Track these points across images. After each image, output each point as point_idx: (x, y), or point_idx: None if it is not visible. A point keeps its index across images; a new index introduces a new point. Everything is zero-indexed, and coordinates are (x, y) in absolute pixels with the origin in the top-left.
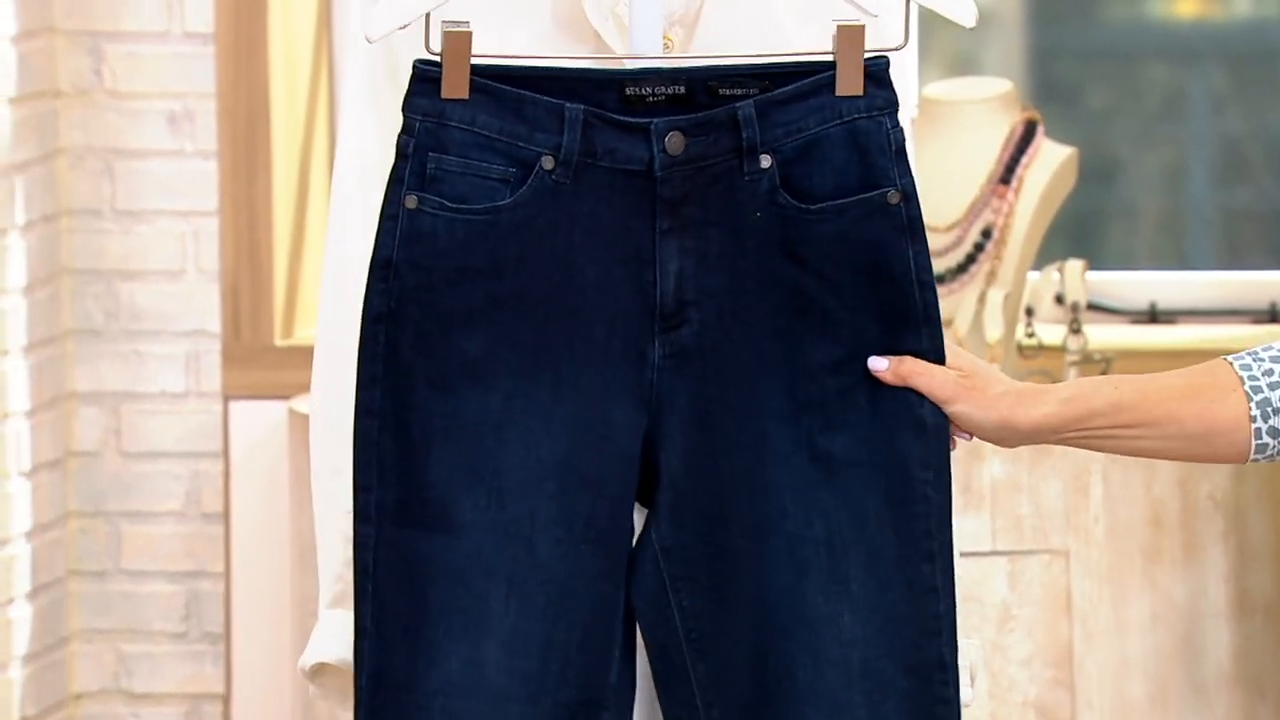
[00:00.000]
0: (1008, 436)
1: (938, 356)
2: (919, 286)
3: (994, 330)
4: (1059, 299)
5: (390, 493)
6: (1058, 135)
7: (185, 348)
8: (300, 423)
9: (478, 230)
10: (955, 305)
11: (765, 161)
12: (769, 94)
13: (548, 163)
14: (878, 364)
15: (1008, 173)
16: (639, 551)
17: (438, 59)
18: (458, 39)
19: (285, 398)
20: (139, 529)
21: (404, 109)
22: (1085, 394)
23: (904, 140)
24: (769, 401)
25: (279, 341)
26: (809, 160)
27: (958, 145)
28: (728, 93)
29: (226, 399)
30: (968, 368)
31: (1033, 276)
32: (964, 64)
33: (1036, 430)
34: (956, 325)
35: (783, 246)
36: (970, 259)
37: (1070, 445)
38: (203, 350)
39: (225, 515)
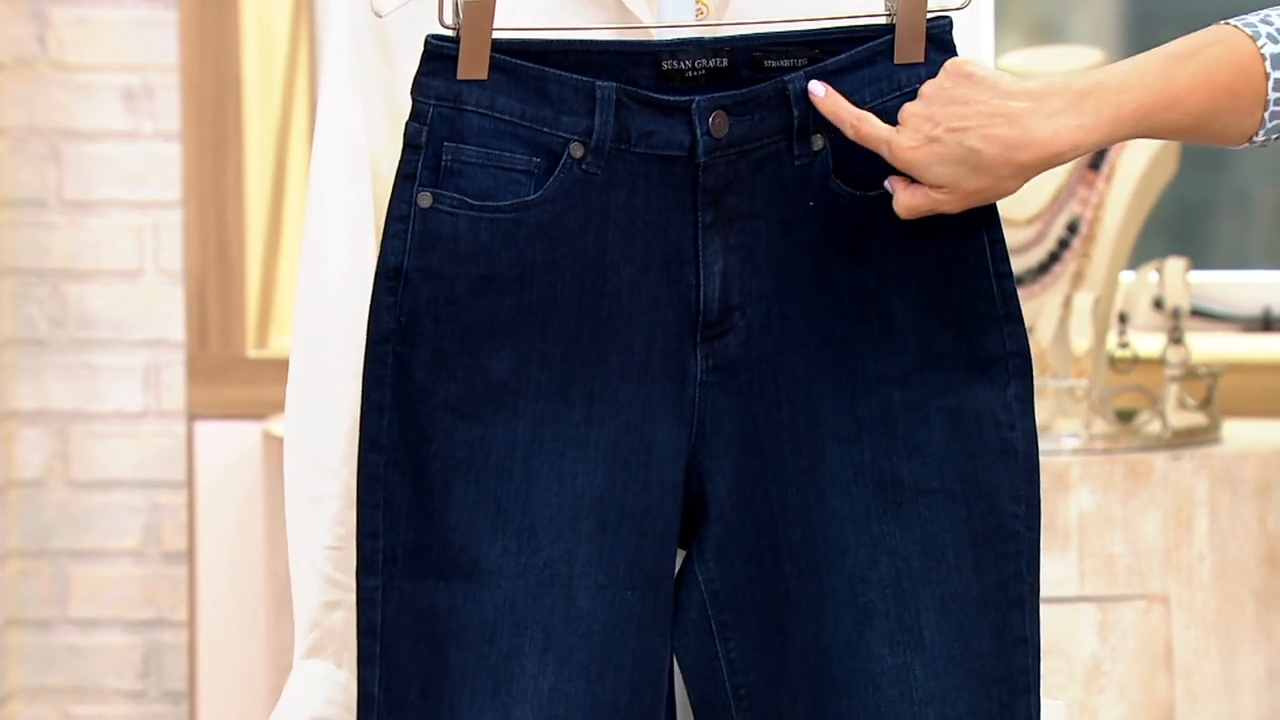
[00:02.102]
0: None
1: (1023, 360)
2: (997, 279)
3: (1082, 340)
4: (1158, 304)
5: (401, 538)
6: None
7: (143, 360)
8: (277, 447)
9: (503, 231)
10: (1036, 311)
11: (818, 142)
12: (820, 64)
13: (576, 150)
14: (816, 88)
15: (1097, 157)
16: (682, 595)
17: (453, 33)
18: (479, 10)
19: (259, 418)
20: (89, 570)
21: (414, 93)
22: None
23: None
24: (826, 419)
25: (252, 353)
26: None
27: None
28: (774, 64)
29: (191, 419)
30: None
31: (1127, 277)
32: (1047, 31)
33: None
34: (1038, 334)
35: (838, 240)
36: (1054, 257)
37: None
38: (164, 363)
39: (190, 554)
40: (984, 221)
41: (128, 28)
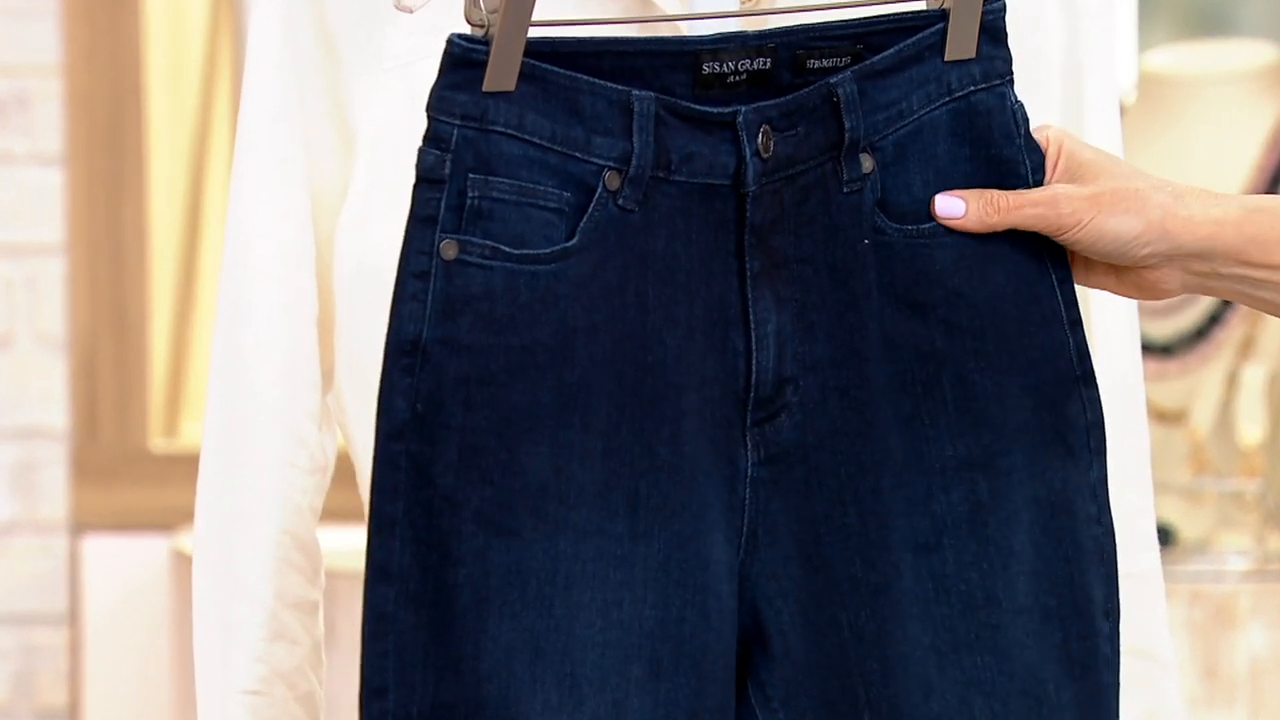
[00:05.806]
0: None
1: (1102, 434)
2: (1070, 328)
3: (1251, 428)
4: None
5: (418, 695)
6: None
7: (13, 454)
8: (190, 567)
9: (544, 287)
10: (1190, 390)
11: (866, 163)
12: (866, 63)
13: (612, 181)
14: (951, 208)
15: (1273, 184)
16: None
17: (482, 31)
18: (520, 4)
19: (166, 530)
20: None
21: (433, 110)
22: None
23: (1028, 118)
24: (897, 522)
25: (157, 445)
26: (908, 159)
27: (1196, 142)
28: (816, 64)
29: (77, 532)
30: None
31: None
32: (1207, 22)
33: (1205, 248)
34: (1195, 420)
35: (892, 289)
36: (1213, 319)
37: (1229, 295)
38: (41, 458)
39: (73, 711)
40: (1049, 256)
41: None
